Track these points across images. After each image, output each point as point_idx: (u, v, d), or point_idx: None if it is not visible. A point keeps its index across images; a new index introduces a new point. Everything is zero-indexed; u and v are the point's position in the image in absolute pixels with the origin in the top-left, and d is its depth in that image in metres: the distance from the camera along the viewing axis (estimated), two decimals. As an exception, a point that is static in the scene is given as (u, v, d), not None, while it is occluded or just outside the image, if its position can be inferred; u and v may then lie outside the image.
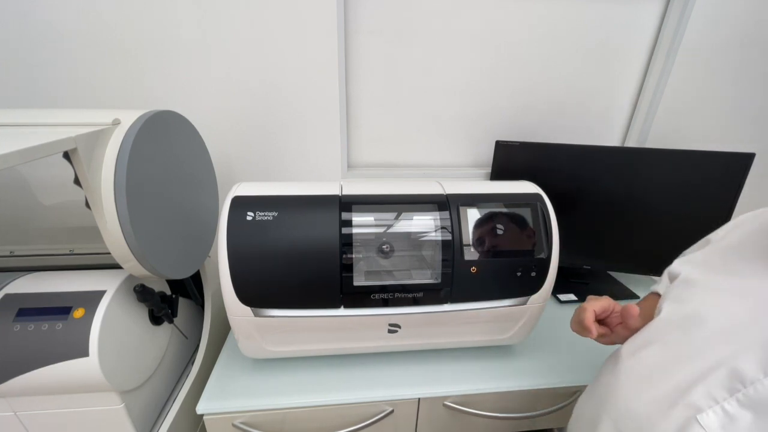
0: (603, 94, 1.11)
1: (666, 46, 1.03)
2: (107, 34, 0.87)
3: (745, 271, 0.44)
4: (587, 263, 1.07)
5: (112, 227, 0.53)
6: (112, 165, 0.52)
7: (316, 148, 1.04)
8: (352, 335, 0.70)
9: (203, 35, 0.90)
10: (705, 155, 0.90)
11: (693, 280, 0.49)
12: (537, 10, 0.99)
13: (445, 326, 0.70)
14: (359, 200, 0.65)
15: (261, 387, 0.71)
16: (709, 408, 0.37)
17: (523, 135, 1.12)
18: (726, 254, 0.49)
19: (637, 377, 0.46)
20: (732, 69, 1.07)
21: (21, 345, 0.57)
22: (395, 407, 0.72)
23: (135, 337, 0.67)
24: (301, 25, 0.91)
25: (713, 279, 0.47)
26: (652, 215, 0.97)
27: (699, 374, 0.39)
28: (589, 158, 0.97)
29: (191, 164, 0.73)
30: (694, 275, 0.49)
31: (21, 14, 0.84)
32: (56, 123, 0.54)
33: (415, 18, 0.97)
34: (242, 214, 0.60)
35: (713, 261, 0.50)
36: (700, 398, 0.38)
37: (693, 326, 0.43)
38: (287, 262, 0.60)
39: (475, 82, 1.06)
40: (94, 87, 0.92)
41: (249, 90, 0.96)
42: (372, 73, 1.02)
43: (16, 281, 0.64)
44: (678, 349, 0.43)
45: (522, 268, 0.67)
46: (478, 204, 0.67)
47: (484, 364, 0.78)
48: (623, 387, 0.46)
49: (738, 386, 0.37)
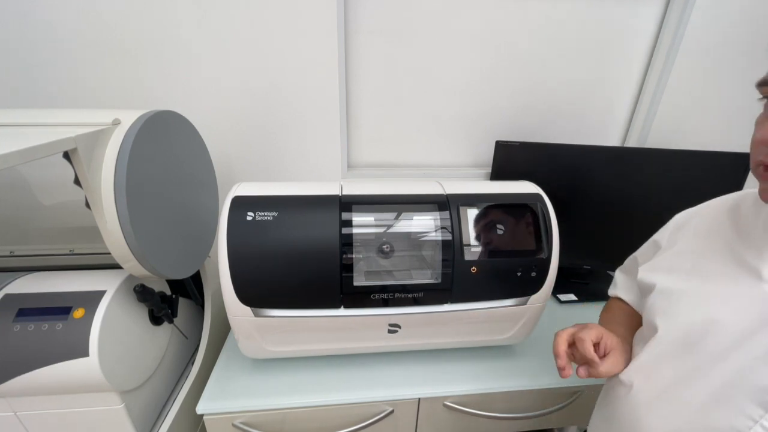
0: (603, 94, 1.11)
1: (666, 46, 1.03)
2: (107, 34, 0.87)
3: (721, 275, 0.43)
4: (587, 263, 1.07)
5: (112, 227, 0.53)
6: (112, 165, 0.52)
7: (316, 148, 1.04)
8: (352, 335, 0.70)
9: (203, 35, 0.90)
10: (705, 155, 0.90)
11: (673, 290, 0.47)
12: (537, 9, 0.99)
13: (445, 326, 0.70)
14: (359, 200, 0.65)
15: (261, 387, 0.71)
16: (749, 429, 0.36)
17: (523, 135, 1.12)
18: (689, 257, 0.48)
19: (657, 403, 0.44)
20: (732, 69, 1.07)
21: (21, 345, 0.57)
22: (395, 407, 0.72)
23: (135, 337, 0.67)
24: (301, 24, 0.91)
25: (694, 287, 0.45)
26: (652, 215, 0.96)
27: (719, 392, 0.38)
28: (589, 158, 0.97)
29: (191, 164, 0.73)
30: (672, 284, 0.48)
31: (21, 14, 0.84)
32: (56, 123, 0.54)
33: (415, 18, 0.97)
34: (242, 214, 0.60)
35: (682, 266, 0.48)
36: (735, 420, 0.37)
37: (698, 340, 0.41)
38: (287, 262, 0.60)
39: (475, 82, 1.06)
40: (94, 87, 0.92)
41: (249, 90, 0.96)
42: (372, 73, 1.02)
43: (16, 281, 0.64)
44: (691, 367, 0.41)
45: (522, 268, 0.67)
46: (478, 204, 0.67)
47: (484, 364, 0.78)
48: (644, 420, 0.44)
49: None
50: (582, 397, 0.77)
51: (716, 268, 0.45)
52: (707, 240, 0.48)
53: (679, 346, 0.43)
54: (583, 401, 0.78)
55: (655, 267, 0.53)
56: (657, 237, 0.58)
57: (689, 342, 0.42)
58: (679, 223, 0.55)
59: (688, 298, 0.45)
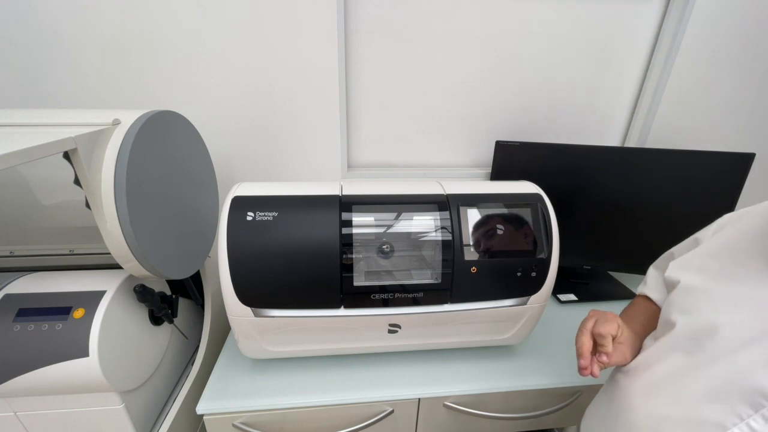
0: (603, 94, 1.11)
1: (666, 46, 1.03)
2: (107, 34, 0.87)
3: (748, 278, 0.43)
4: (587, 263, 1.07)
5: (112, 227, 0.53)
6: (112, 165, 0.52)
7: (316, 148, 1.04)
8: (352, 335, 0.70)
9: (204, 35, 0.90)
10: (705, 155, 0.90)
11: (696, 288, 0.47)
12: (537, 9, 0.99)
13: (445, 326, 0.70)
14: (359, 200, 0.65)
15: (261, 387, 0.71)
16: (735, 426, 0.37)
17: (523, 135, 1.12)
18: (722, 258, 0.48)
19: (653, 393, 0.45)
20: (732, 69, 1.07)
21: (21, 345, 0.57)
22: (395, 407, 0.72)
23: (135, 337, 0.67)
24: (301, 24, 0.91)
25: (718, 287, 0.45)
26: (652, 215, 0.97)
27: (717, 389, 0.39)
28: (589, 158, 0.97)
29: (191, 164, 0.73)
30: (696, 282, 0.48)
31: (21, 15, 0.84)
32: (56, 123, 0.54)
33: (415, 18, 0.97)
34: (242, 214, 0.60)
35: (711, 266, 0.48)
36: (723, 416, 0.38)
37: (706, 338, 0.42)
38: (287, 263, 0.60)
39: (475, 82, 1.06)
40: (94, 87, 0.92)
41: (249, 90, 0.96)
42: (372, 73, 1.02)
43: (16, 281, 0.64)
44: (693, 363, 0.42)
45: (522, 268, 0.67)
46: (478, 204, 0.67)
47: (484, 364, 0.78)
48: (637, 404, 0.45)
49: (762, 402, 0.36)
50: (582, 397, 0.77)
51: (746, 272, 0.44)
52: (745, 243, 0.47)
53: (688, 342, 0.44)
54: (582, 401, 0.78)
55: (686, 264, 0.52)
56: (699, 234, 0.57)
57: (699, 339, 0.43)
58: (722, 223, 0.54)
59: (708, 298, 0.45)
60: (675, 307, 0.48)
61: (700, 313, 0.44)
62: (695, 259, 0.51)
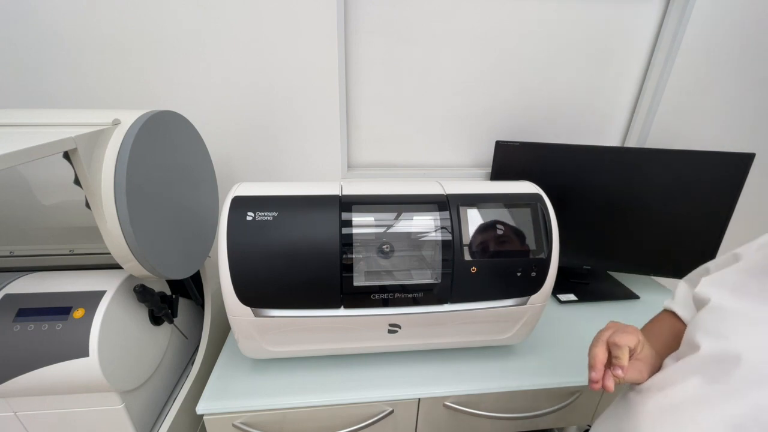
0: (603, 94, 1.11)
1: (666, 46, 1.03)
2: (107, 34, 0.87)
3: None
4: (587, 263, 1.07)
5: (112, 227, 0.53)
6: (112, 165, 0.52)
7: (316, 148, 1.04)
8: (352, 335, 0.70)
9: (204, 35, 0.90)
10: (705, 155, 0.90)
11: (727, 309, 0.44)
12: (537, 9, 0.99)
13: (445, 326, 0.70)
14: (359, 200, 0.65)
15: (261, 387, 0.71)
16: None
17: (523, 135, 1.12)
18: (762, 278, 0.43)
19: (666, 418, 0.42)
20: (732, 69, 1.07)
21: (21, 345, 0.57)
22: (395, 407, 0.72)
23: (135, 338, 0.67)
24: (301, 24, 0.91)
25: (751, 309, 0.41)
26: (652, 215, 0.97)
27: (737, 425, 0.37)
28: (589, 158, 0.97)
29: (191, 164, 0.73)
30: (728, 303, 0.44)
31: (21, 15, 0.84)
32: (56, 123, 0.54)
33: (415, 18, 0.97)
34: (242, 214, 0.60)
35: (748, 286, 0.44)
36: None
37: (732, 366, 0.39)
38: (287, 262, 0.60)
39: (475, 82, 1.06)
40: (94, 87, 0.92)
41: (249, 90, 0.96)
42: (372, 73, 1.02)
43: (16, 281, 0.64)
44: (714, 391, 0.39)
45: (522, 268, 0.67)
46: (478, 204, 0.67)
47: (484, 364, 0.78)
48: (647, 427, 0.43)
49: None
50: (581, 397, 0.77)
51: None
52: None
53: (711, 368, 0.41)
54: (582, 401, 0.78)
55: (722, 281, 0.48)
56: (740, 250, 0.52)
57: (723, 366, 0.40)
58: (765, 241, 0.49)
59: (739, 321, 0.42)
60: (701, 327, 0.44)
61: (728, 338, 0.41)
62: (733, 276, 0.47)
